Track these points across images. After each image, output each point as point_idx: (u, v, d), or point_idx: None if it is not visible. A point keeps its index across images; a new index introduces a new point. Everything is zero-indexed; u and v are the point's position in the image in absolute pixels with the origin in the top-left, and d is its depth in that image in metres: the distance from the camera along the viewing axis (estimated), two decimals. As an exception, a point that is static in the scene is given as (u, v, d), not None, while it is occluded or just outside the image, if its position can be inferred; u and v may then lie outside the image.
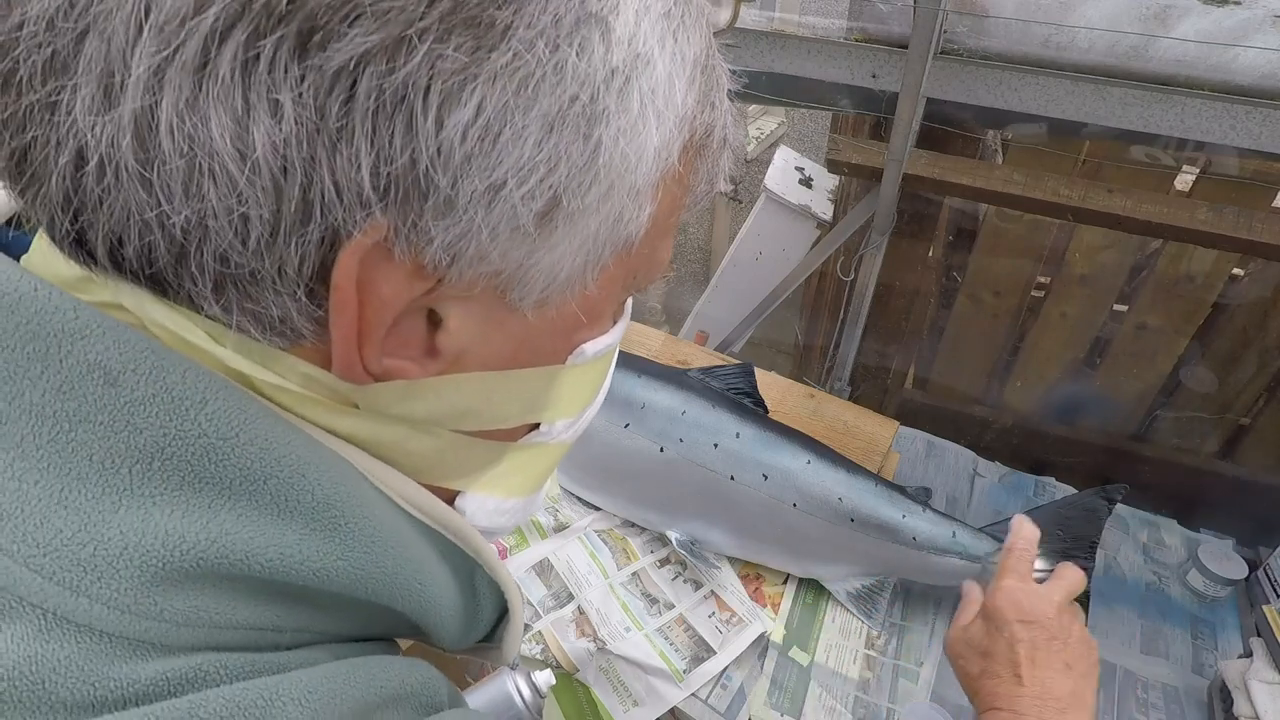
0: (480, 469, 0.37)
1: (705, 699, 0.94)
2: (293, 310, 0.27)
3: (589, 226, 0.30)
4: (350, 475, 0.31)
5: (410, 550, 0.33)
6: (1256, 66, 0.91)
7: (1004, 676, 0.65)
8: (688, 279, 3.16)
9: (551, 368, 0.36)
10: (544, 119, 0.26)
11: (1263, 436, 1.53)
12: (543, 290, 0.31)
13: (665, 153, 0.31)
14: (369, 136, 0.24)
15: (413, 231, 0.26)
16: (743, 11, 1.14)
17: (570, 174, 0.28)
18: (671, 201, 0.34)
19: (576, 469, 1.14)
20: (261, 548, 0.27)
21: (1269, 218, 1.17)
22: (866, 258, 1.32)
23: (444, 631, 0.36)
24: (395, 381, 0.30)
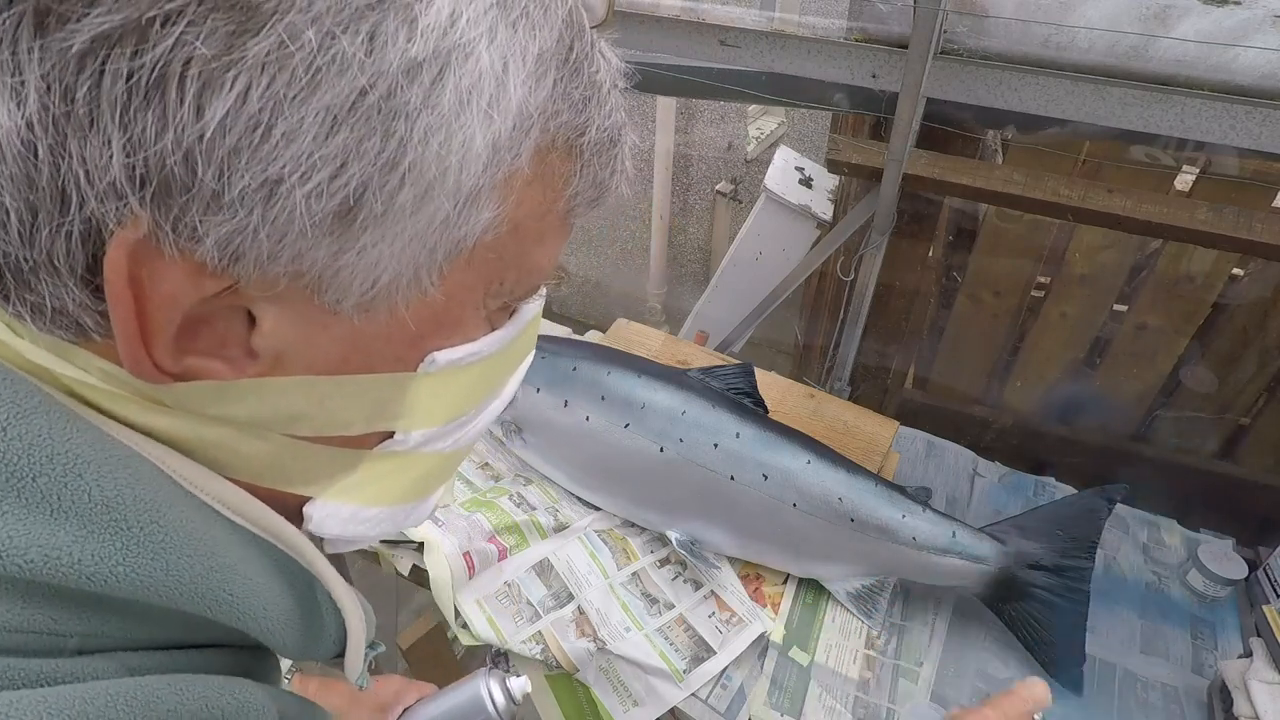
0: (330, 476, 0.35)
1: (705, 699, 0.94)
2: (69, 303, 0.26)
3: (407, 230, 0.28)
4: (147, 477, 0.29)
5: (220, 558, 0.30)
6: (1256, 66, 0.91)
7: None
8: (688, 279, 3.16)
9: (398, 375, 0.33)
10: (325, 112, 0.24)
11: (1263, 436, 1.53)
12: (363, 294, 0.29)
13: (505, 154, 0.29)
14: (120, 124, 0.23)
15: (179, 226, 0.25)
16: (742, 12, 1.14)
17: (368, 173, 0.26)
18: (534, 206, 0.32)
19: (576, 469, 1.14)
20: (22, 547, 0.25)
21: (1269, 218, 1.17)
22: (866, 258, 1.32)
23: (280, 642, 0.34)
24: (205, 382, 0.29)
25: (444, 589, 0.97)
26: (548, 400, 1.12)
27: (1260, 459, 1.54)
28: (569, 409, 1.11)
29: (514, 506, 1.10)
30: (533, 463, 1.18)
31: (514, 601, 1.00)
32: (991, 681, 0.97)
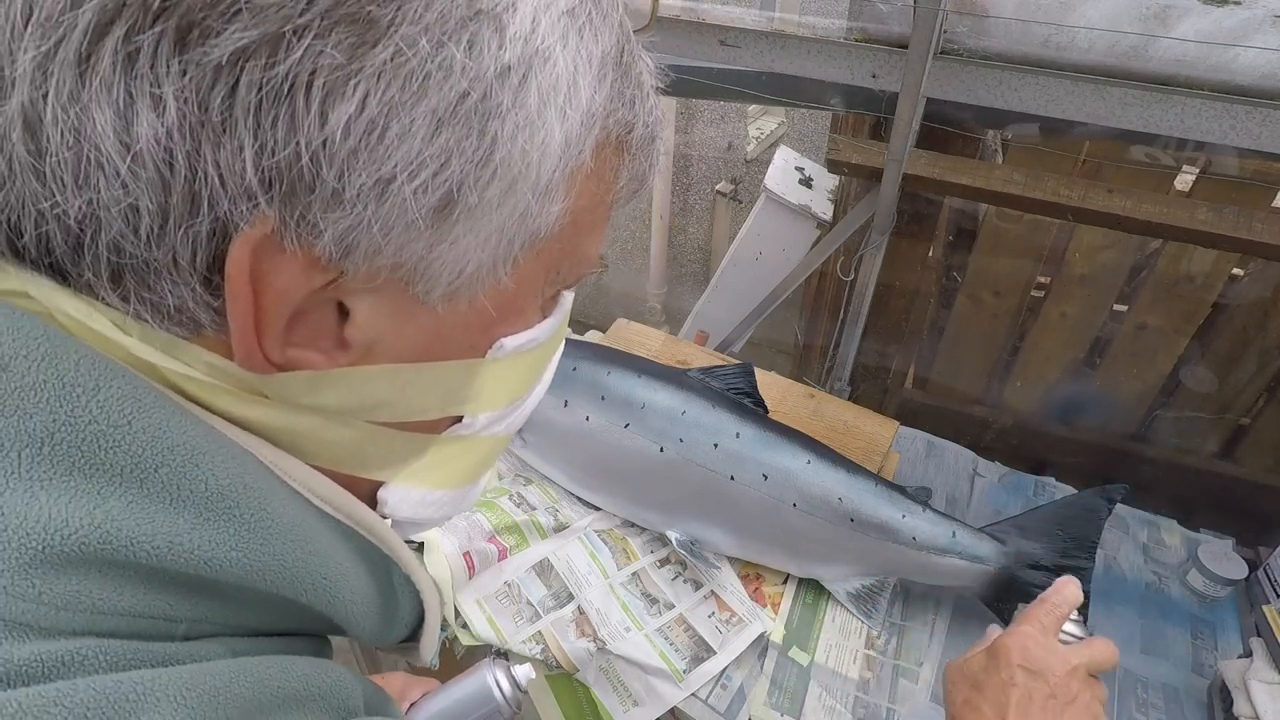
0: (403, 460, 0.37)
1: (705, 699, 0.94)
2: (189, 300, 0.28)
3: (492, 221, 0.30)
4: (250, 466, 0.31)
5: (315, 544, 0.32)
6: (1256, 66, 0.91)
7: (986, 714, 0.61)
8: (688, 279, 3.16)
9: (470, 361, 0.36)
10: (432, 114, 0.26)
11: (1263, 436, 1.53)
12: (450, 284, 0.31)
13: (574, 150, 0.31)
14: (252, 130, 0.25)
15: (301, 224, 0.27)
16: (742, 12, 1.14)
17: (465, 169, 0.28)
18: (590, 198, 0.34)
19: (576, 469, 1.14)
20: (149, 535, 0.26)
21: (1269, 218, 1.17)
22: (866, 258, 1.32)
23: (360, 627, 0.36)
24: (302, 372, 0.31)
25: (444, 589, 0.97)
26: (548, 400, 1.12)
27: (1260, 459, 1.54)
28: (569, 409, 1.11)
29: (514, 506, 1.10)
30: (533, 463, 1.18)
31: (514, 601, 1.00)
32: None
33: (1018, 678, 0.62)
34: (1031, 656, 0.63)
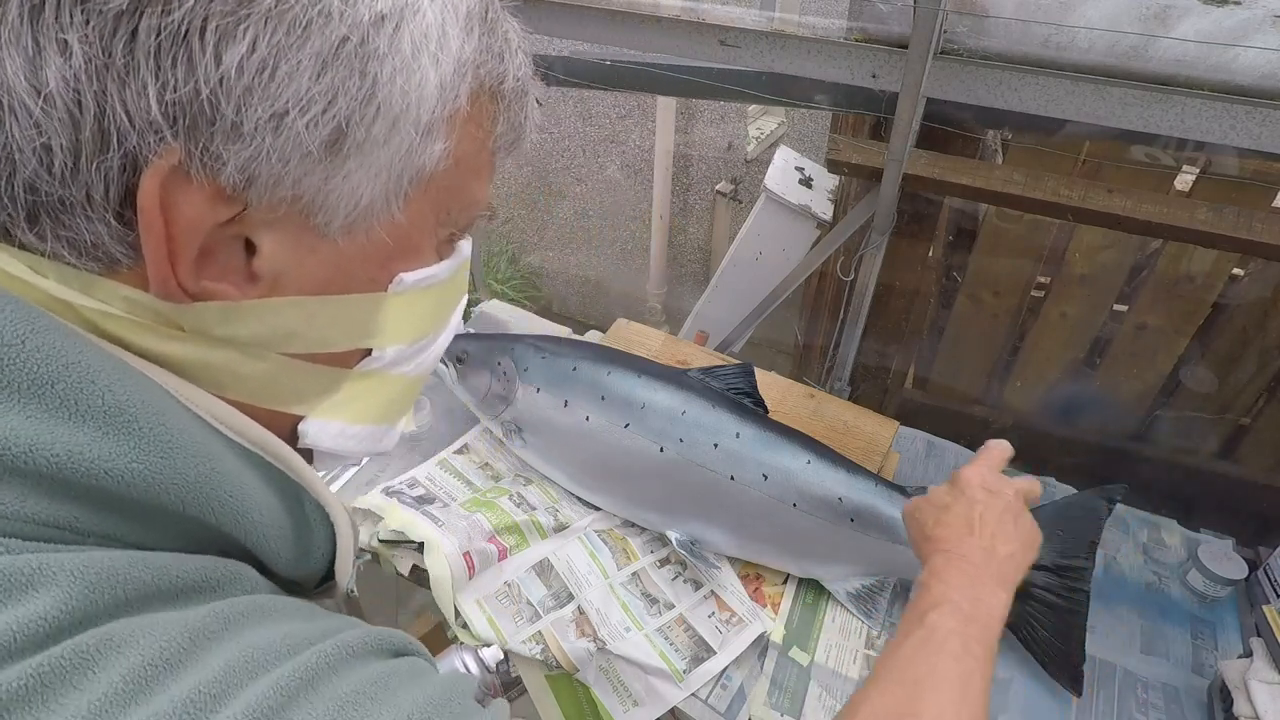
0: (318, 395, 0.40)
1: (705, 699, 0.94)
2: (104, 235, 0.31)
3: (381, 157, 0.34)
4: (151, 389, 0.33)
5: (219, 464, 0.34)
6: (1256, 66, 0.91)
7: (956, 526, 0.70)
8: (688, 279, 3.16)
9: (373, 295, 0.39)
10: (317, 56, 0.30)
11: (1263, 436, 1.53)
12: (347, 216, 0.35)
13: (450, 94, 0.35)
14: (154, 71, 0.28)
15: (205, 155, 0.30)
16: (742, 12, 1.14)
17: (351, 106, 0.32)
18: (472, 143, 0.39)
19: (576, 469, 1.14)
20: (48, 444, 0.28)
21: (1269, 218, 1.17)
22: (866, 258, 1.32)
23: (276, 555, 0.38)
24: (215, 303, 0.34)
25: (444, 589, 0.97)
26: (548, 400, 1.12)
27: (1260, 459, 1.54)
28: (569, 409, 1.11)
29: (514, 506, 1.10)
30: (533, 463, 1.18)
31: (514, 601, 1.00)
32: (991, 681, 0.97)
33: (979, 496, 0.73)
34: (988, 481, 0.75)
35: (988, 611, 0.63)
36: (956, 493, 0.74)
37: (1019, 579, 0.69)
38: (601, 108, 2.87)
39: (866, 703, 0.55)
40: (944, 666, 0.56)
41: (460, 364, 1.19)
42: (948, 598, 0.63)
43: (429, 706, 0.33)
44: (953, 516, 0.72)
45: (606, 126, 2.91)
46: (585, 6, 1.19)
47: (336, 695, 0.31)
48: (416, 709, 0.33)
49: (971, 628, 0.60)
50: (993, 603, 0.64)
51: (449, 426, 1.28)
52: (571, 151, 3.04)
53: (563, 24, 1.21)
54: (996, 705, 0.95)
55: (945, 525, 0.71)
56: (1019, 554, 0.70)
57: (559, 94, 2.90)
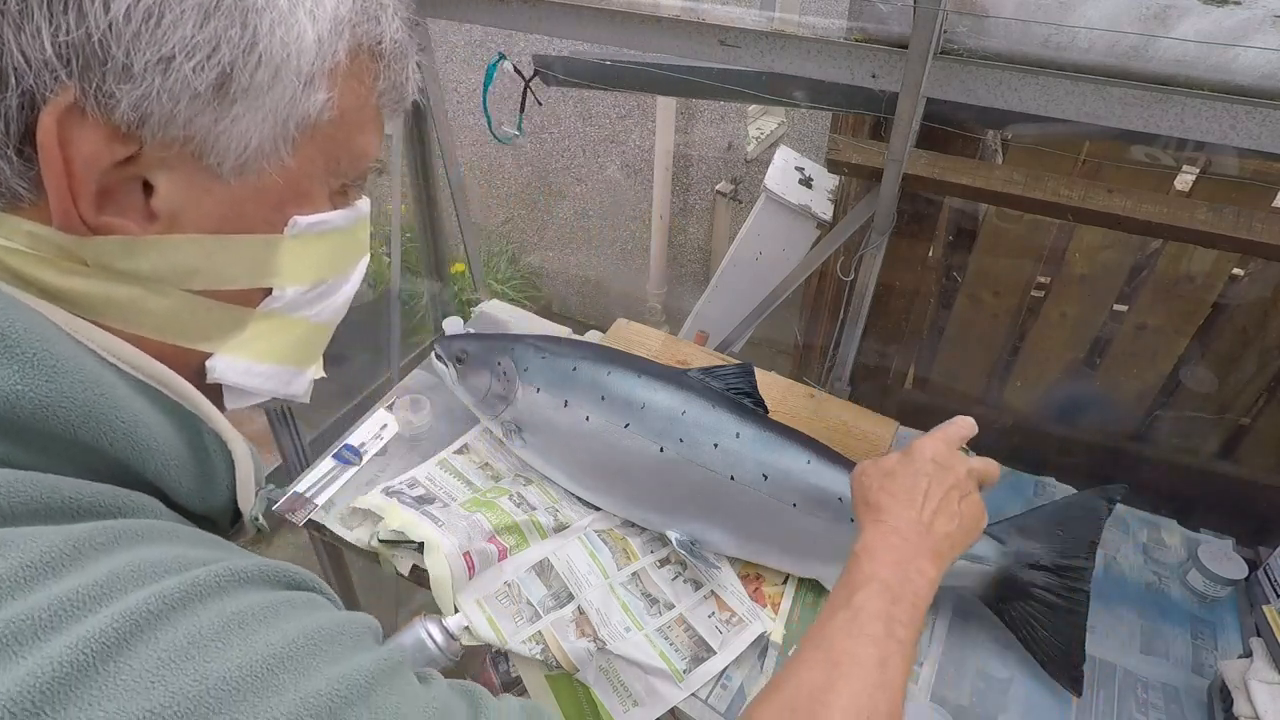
0: (223, 332, 0.43)
1: (705, 699, 0.94)
2: (6, 171, 0.34)
3: (266, 103, 0.38)
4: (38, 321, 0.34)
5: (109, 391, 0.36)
6: (1256, 66, 0.91)
7: (898, 496, 0.69)
8: (688, 279, 3.16)
9: (270, 236, 0.42)
10: (199, 7, 0.34)
11: (1263, 436, 1.53)
12: (238, 157, 0.38)
13: (329, 49, 0.39)
14: (48, 17, 0.31)
15: (99, 94, 0.33)
16: (742, 12, 1.14)
17: (234, 54, 0.35)
18: (355, 98, 0.43)
19: (576, 469, 1.14)
20: None
21: (1269, 218, 1.17)
22: (866, 258, 1.32)
23: (178, 485, 0.39)
24: (116, 236, 0.36)
25: (444, 589, 0.97)
26: (548, 400, 1.12)
27: (1260, 459, 1.54)
28: (569, 409, 1.11)
29: (514, 506, 1.10)
30: (533, 463, 1.18)
31: (514, 601, 1.00)
32: (991, 681, 0.97)
33: (928, 469, 0.71)
34: (941, 454, 0.73)
35: (915, 590, 0.63)
36: (906, 461, 0.73)
37: (954, 557, 0.69)
38: (601, 108, 2.87)
39: (788, 679, 0.56)
40: (865, 650, 0.57)
41: (460, 364, 1.19)
42: (877, 575, 0.63)
43: (318, 636, 0.33)
44: (897, 485, 0.71)
45: (606, 126, 2.91)
46: (585, 6, 1.19)
47: (222, 612, 0.31)
48: (303, 636, 0.33)
49: (898, 608, 0.61)
50: (920, 581, 0.64)
51: (449, 426, 1.28)
52: (571, 151, 3.04)
53: (563, 24, 1.21)
54: (996, 705, 0.95)
55: (888, 493, 0.70)
56: (957, 534, 0.69)
57: (559, 94, 2.90)
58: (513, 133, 1.44)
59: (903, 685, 0.57)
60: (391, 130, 1.46)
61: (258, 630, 0.32)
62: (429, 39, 1.40)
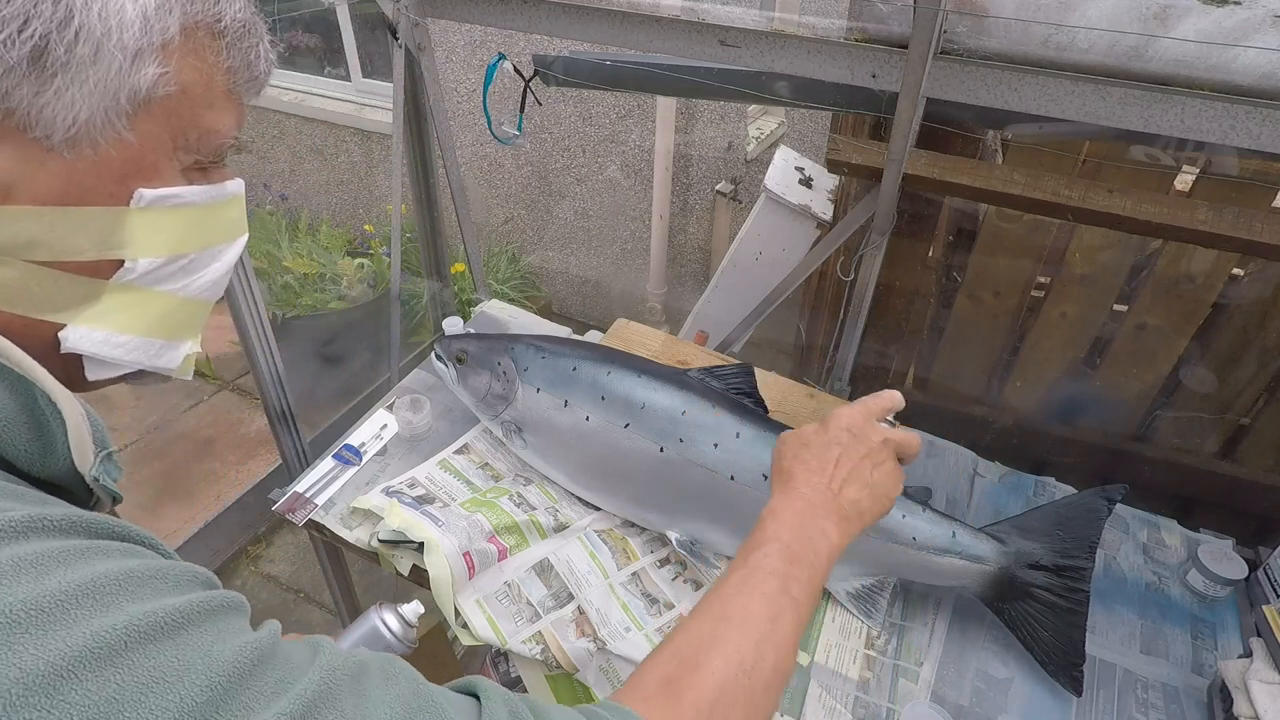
0: (75, 304, 0.44)
1: (705, 699, 0.94)
2: None
3: (91, 77, 0.39)
4: None
5: None
6: (1256, 66, 0.91)
7: (810, 464, 0.71)
8: (688, 279, 3.16)
9: (114, 208, 0.43)
10: None
11: (1263, 436, 1.53)
12: (67, 130, 0.39)
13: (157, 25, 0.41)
14: None
15: None
16: (743, 12, 1.14)
17: (47, 28, 0.37)
18: (196, 74, 0.44)
19: (576, 469, 1.14)
20: None
21: (1269, 218, 1.17)
22: (866, 258, 1.32)
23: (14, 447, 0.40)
24: None
25: (444, 589, 0.97)
26: (548, 400, 1.12)
27: (1260, 459, 1.54)
28: (569, 409, 1.11)
29: (514, 506, 1.10)
30: (533, 463, 1.18)
31: (514, 601, 1.00)
32: (991, 681, 0.97)
33: (843, 438, 0.72)
34: (856, 424, 0.73)
35: (815, 551, 0.64)
36: (821, 431, 0.74)
37: (863, 524, 0.70)
38: (601, 108, 2.87)
39: (679, 632, 0.57)
40: (756, 606, 0.58)
41: (460, 364, 1.19)
42: (778, 537, 0.64)
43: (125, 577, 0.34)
44: (810, 454, 0.72)
45: (606, 126, 2.91)
46: (585, 6, 1.19)
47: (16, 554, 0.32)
48: (107, 576, 0.33)
49: (795, 567, 0.62)
50: (822, 544, 0.65)
51: (449, 426, 1.28)
52: (571, 151, 3.04)
53: (563, 24, 1.21)
54: (996, 705, 0.95)
55: (801, 461, 0.71)
56: (867, 501, 0.70)
57: (559, 94, 2.90)
58: (513, 133, 1.44)
59: (794, 642, 0.58)
60: (392, 130, 1.46)
61: (53, 570, 0.32)
62: (429, 39, 1.40)
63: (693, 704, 0.50)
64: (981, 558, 0.99)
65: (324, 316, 3.01)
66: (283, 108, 3.63)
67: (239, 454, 2.65)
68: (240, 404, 2.93)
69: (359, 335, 2.99)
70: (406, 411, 1.24)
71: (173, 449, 2.66)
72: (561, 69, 1.37)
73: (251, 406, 2.90)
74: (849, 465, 0.70)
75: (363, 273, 3.18)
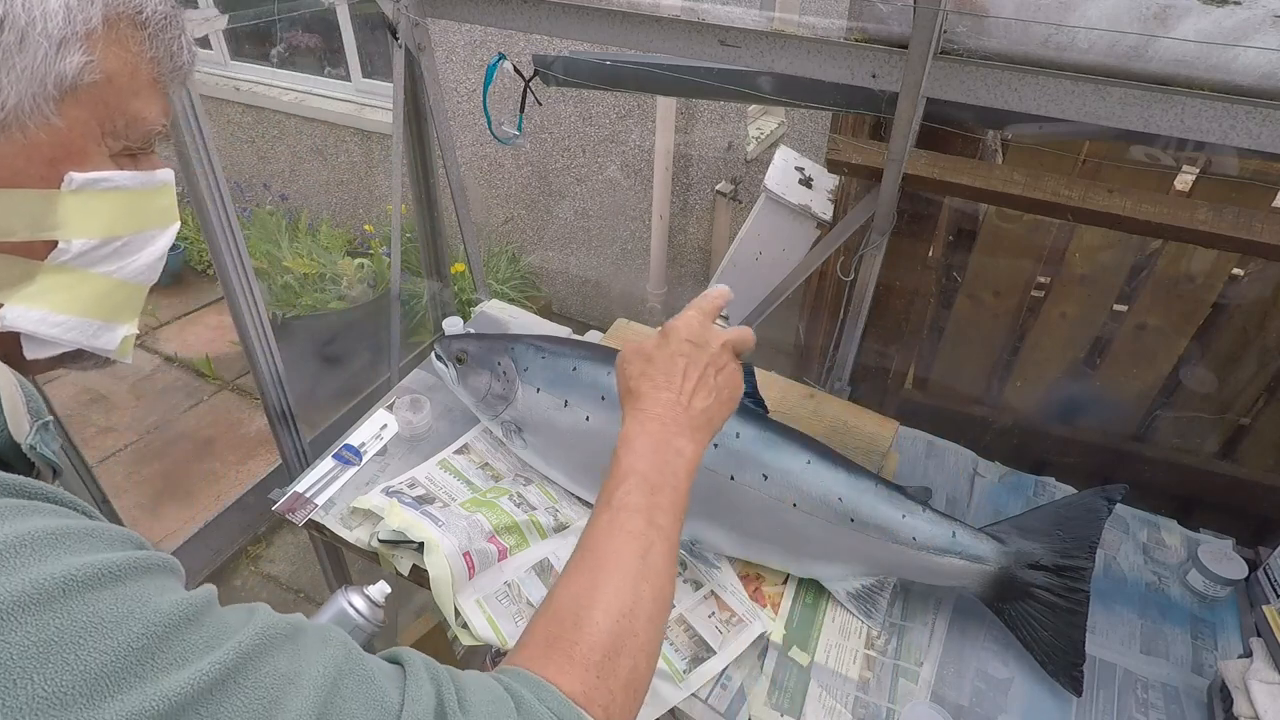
0: (13, 284, 0.46)
1: (705, 699, 0.94)
2: None
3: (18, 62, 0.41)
4: None
5: None
6: (1256, 66, 0.91)
7: (656, 380, 0.72)
8: (688, 279, 3.16)
9: (47, 191, 0.45)
10: None
11: (1263, 436, 1.53)
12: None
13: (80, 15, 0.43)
14: None
15: None
16: (743, 12, 1.14)
17: None
18: (121, 63, 0.46)
19: (576, 469, 1.14)
20: None
21: (1269, 218, 1.17)
22: (866, 258, 1.32)
23: None
24: None
25: (444, 589, 0.97)
26: (548, 400, 1.12)
27: (1260, 459, 1.54)
28: (569, 409, 1.11)
29: (514, 506, 1.10)
30: (533, 463, 1.18)
31: (514, 601, 1.00)
32: (991, 681, 0.97)
33: (684, 349, 0.73)
34: (695, 332, 0.74)
35: (674, 473, 0.66)
36: (663, 344, 0.74)
37: (713, 431, 0.72)
38: (601, 108, 2.87)
39: (558, 590, 0.58)
40: (626, 547, 0.60)
41: (460, 364, 1.19)
42: (634, 469, 0.65)
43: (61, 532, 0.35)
44: (656, 370, 0.72)
45: (606, 126, 2.91)
46: (585, 6, 1.19)
47: None
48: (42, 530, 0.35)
49: (658, 496, 0.64)
50: (679, 464, 0.67)
51: (449, 426, 1.28)
52: (571, 151, 3.04)
53: (563, 24, 1.21)
54: (996, 705, 0.95)
55: (648, 379, 0.72)
56: (714, 407, 0.72)
57: (559, 94, 2.90)
58: (513, 133, 1.44)
59: (669, 569, 0.61)
60: (392, 130, 1.46)
61: None
62: (429, 39, 1.40)
63: (583, 659, 0.53)
64: (981, 558, 0.99)
65: (324, 316, 3.01)
66: (283, 108, 3.63)
67: (239, 454, 2.65)
68: (240, 404, 2.93)
69: (359, 335, 2.99)
70: (406, 411, 1.24)
71: (173, 449, 2.66)
72: (561, 69, 1.37)
73: (251, 406, 2.90)
74: (695, 375, 0.72)
75: (363, 273, 3.18)
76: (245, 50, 3.81)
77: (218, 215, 1.06)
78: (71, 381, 2.90)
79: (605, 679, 0.52)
